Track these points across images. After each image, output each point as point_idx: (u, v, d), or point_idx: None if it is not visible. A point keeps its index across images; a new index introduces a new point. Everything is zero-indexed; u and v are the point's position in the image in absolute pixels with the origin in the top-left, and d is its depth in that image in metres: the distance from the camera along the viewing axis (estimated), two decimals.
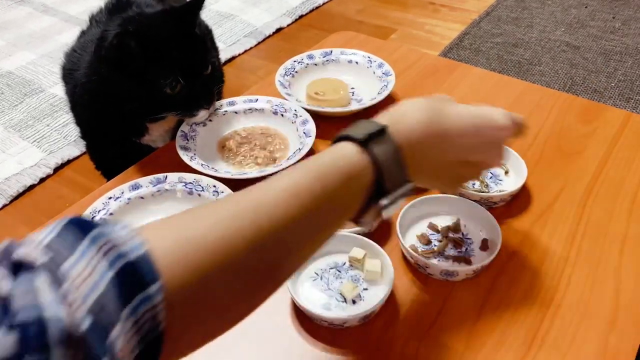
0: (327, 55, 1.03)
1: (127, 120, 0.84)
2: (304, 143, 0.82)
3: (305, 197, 0.43)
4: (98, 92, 0.83)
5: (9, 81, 1.77)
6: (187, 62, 0.77)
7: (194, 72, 0.78)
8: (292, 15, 2.15)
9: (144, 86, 0.76)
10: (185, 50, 0.77)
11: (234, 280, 0.40)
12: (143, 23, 0.79)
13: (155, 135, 0.90)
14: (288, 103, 0.90)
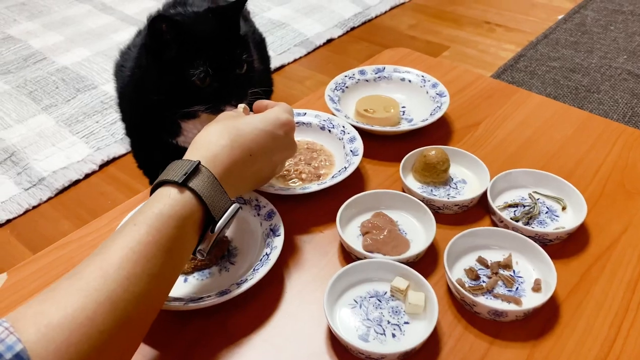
0: (379, 71, 1.00)
1: (162, 115, 0.83)
2: (350, 161, 0.79)
3: (146, 250, 0.49)
4: (139, 84, 0.83)
5: (64, 76, 1.82)
6: (219, 56, 0.75)
7: (226, 67, 0.76)
8: (343, 26, 2.14)
9: (174, 74, 0.76)
10: (220, 45, 0.76)
11: (103, 347, 0.44)
12: (182, 15, 0.79)
13: (190, 136, 0.89)
14: (336, 119, 0.87)
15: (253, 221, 0.71)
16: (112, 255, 0.48)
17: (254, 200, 0.72)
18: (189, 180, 0.54)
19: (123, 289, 0.46)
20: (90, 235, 0.74)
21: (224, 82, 0.75)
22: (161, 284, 0.51)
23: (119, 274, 0.46)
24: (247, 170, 0.62)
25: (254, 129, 0.62)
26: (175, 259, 0.52)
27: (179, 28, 0.72)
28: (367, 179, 0.82)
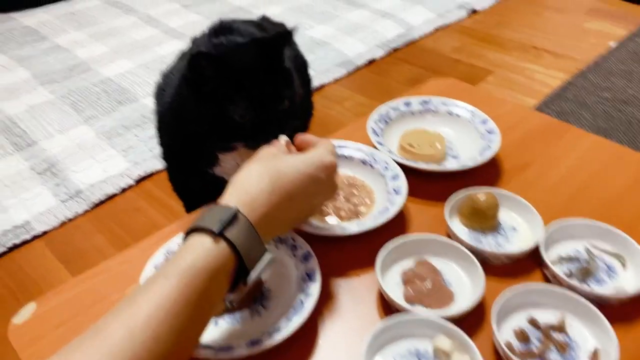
0: (425, 103, 0.96)
1: (199, 146, 0.82)
2: (392, 201, 0.75)
3: (175, 307, 0.46)
4: (178, 112, 0.81)
5: (107, 87, 1.84)
6: (260, 92, 0.73)
7: (268, 104, 0.74)
8: (385, 47, 2.11)
9: (214, 109, 0.74)
10: (262, 80, 0.73)
11: None
12: (225, 47, 0.77)
13: (227, 167, 0.87)
14: (379, 153, 0.84)
15: (288, 262, 0.68)
16: (138, 312, 0.45)
17: (290, 239, 0.69)
18: (225, 230, 0.52)
19: (149, 350, 0.43)
20: (121, 265, 0.72)
21: (264, 118, 0.73)
22: (188, 339, 0.49)
23: (145, 333, 0.44)
24: (285, 215, 0.59)
25: (296, 172, 0.59)
26: (204, 313, 0.50)
27: (220, 65, 0.70)
28: (410, 219, 0.78)
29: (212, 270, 0.50)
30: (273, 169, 0.59)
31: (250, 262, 0.53)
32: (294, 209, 0.60)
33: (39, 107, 1.74)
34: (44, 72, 1.93)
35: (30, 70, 1.93)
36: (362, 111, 1.89)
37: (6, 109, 1.73)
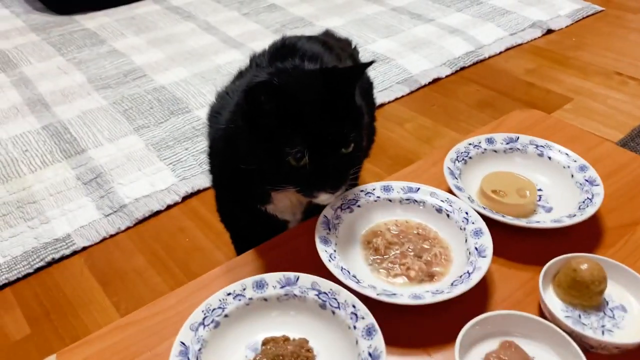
0: (511, 141, 0.83)
1: (250, 182, 0.71)
2: (474, 265, 0.63)
3: None
4: (230, 143, 0.71)
5: (160, 96, 1.79)
6: (322, 135, 0.62)
7: (328, 147, 0.63)
8: (452, 66, 1.97)
9: (268, 149, 0.63)
10: (325, 121, 0.62)
11: None
12: (288, 75, 0.66)
13: (281, 206, 0.76)
14: (458, 201, 0.71)
15: (347, 334, 0.57)
16: None
17: (351, 305, 0.58)
18: None
19: None
20: (151, 318, 0.62)
21: (321, 164, 0.62)
22: None
23: None
24: None
25: None
26: None
27: (281, 97, 0.60)
28: (492, 285, 0.65)
29: None
30: None
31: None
32: None
33: (91, 113, 1.70)
34: (99, 76, 1.90)
35: (86, 75, 1.91)
36: (425, 135, 1.76)
37: (59, 114, 1.71)
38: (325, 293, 0.59)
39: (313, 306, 0.59)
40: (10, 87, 1.86)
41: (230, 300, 0.59)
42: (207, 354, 0.55)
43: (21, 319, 1.09)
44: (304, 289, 0.60)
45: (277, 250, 0.71)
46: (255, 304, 0.60)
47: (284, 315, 0.60)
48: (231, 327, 0.58)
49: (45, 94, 1.81)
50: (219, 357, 0.56)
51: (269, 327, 0.59)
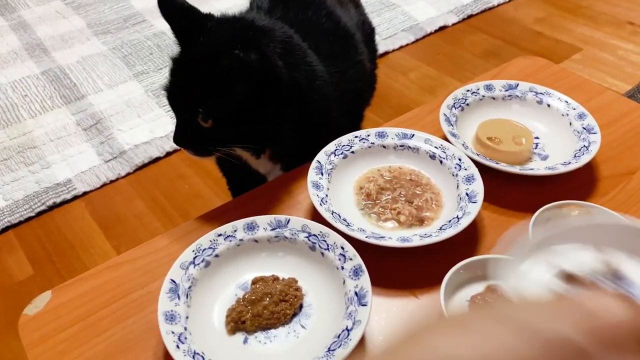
0: (510, 88, 0.82)
1: None
2: (464, 210, 0.63)
3: None
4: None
5: (160, 42, 1.76)
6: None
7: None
8: (459, 13, 1.92)
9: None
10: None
11: None
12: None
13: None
14: (451, 147, 0.71)
15: (335, 275, 0.57)
16: None
17: (339, 247, 0.58)
18: None
19: None
20: (145, 257, 0.63)
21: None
22: None
23: None
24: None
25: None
26: None
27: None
28: (483, 231, 0.66)
29: None
30: None
31: None
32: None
33: (91, 58, 1.68)
34: (98, 21, 1.86)
35: (85, 19, 1.87)
36: (429, 84, 1.73)
37: (59, 59, 1.69)
38: (315, 235, 0.60)
39: (303, 248, 0.60)
40: (9, 32, 1.83)
41: (221, 240, 0.60)
42: (197, 292, 0.56)
43: (24, 261, 1.12)
44: (294, 231, 0.61)
45: (270, 195, 0.71)
46: (246, 245, 0.60)
47: (273, 256, 0.61)
48: (221, 266, 0.59)
49: (44, 39, 1.78)
50: (209, 294, 0.57)
51: (259, 267, 0.60)
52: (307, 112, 0.71)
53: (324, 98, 0.75)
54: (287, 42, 0.70)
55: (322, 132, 0.76)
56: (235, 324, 0.54)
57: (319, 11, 0.86)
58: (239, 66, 0.61)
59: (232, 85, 0.63)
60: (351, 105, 0.85)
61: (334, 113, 0.78)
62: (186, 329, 0.52)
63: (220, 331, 0.55)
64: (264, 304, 0.55)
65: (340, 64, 0.80)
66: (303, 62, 0.71)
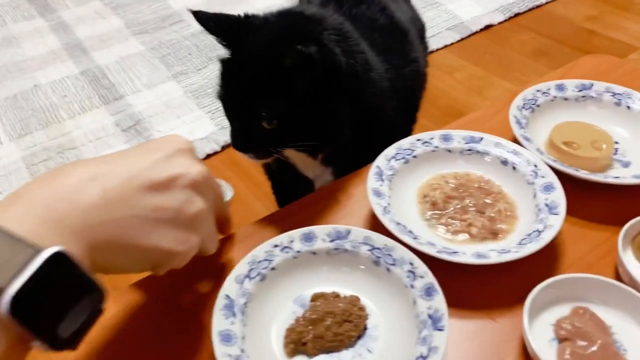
0: (584, 88, 0.75)
1: None
2: (545, 222, 0.57)
3: None
4: None
5: (198, 42, 1.74)
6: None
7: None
8: (506, 12, 1.84)
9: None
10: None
11: None
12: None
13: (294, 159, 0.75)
14: (525, 152, 0.65)
15: (402, 293, 0.52)
16: None
17: (408, 263, 0.53)
18: None
19: None
20: (191, 267, 0.59)
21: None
22: None
23: None
24: (83, 193, 0.37)
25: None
26: None
27: None
28: (563, 246, 0.59)
29: None
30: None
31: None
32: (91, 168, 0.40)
33: (129, 58, 1.67)
34: (136, 21, 1.85)
35: (123, 19, 1.86)
36: (476, 85, 1.66)
37: (97, 59, 1.68)
38: (379, 249, 0.54)
39: (365, 262, 0.55)
40: (49, 32, 1.83)
41: (277, 252, 0.55)
42: (253, 308, 0.51)
43: None
44: (355, 243, 0.55)
45: (323, 203, 0.66)
46: (304, 257, 0.55)
47: (333, 270, 0.55)
48: (278, 280, 0.54)
49: (83, 39, 1.78)
50: (266, 311, 0.52)
51: (317, 282, 0.55)
52: (362, 106, 0.66)
53: (379, 92, 0.70)
54: (339, 29, 0.66)
55: (376, 131, 0.71)
56: (295, 345, 0.49)
57: (373, 5, 0.81)
58: (301, 61, 0.57)
59: (295, 82, 0.59)
60: (406, 105, 0.80)
61: (389, 111, 0.73)
62: (243, 351, 0.47)
63: (279, 353, 0.50)
64: (327, 325, 0.50)
65: (395, 61, 0.75)
66: (357, 50, 0.67)
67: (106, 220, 0.38)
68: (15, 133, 1.39)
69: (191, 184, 0.43)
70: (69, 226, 0.36)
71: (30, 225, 0.34)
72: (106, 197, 0.38)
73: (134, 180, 0.40)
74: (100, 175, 0.39)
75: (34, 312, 0.32)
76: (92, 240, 0.37)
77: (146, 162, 0.42)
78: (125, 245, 0.39)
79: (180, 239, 0.43)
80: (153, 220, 0.40)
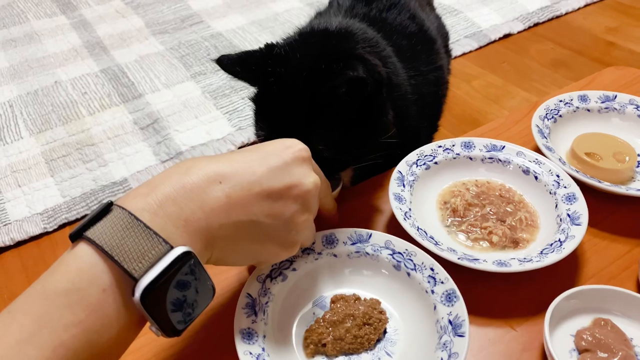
0: (607, 100, 0.75)
1: None
2: (566, 232, 0.57)
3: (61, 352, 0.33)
4: None
5: (217, 43, 1.75)
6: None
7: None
8: (525, 21, 1.83)
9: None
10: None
11: None
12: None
13: None
14: (547, 162, 0.65)
15: (423, 298, 0.52)
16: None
17: (429, 268, 0.53)
18: (87, 228, 0.37)
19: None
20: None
21: None
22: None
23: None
24: (208, 195, 0.41)
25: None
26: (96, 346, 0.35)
27: None
28: (584, 257, 0.59)
29: (72, 291, 0.34)
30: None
31: (129, 260, 0.36)
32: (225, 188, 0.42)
33: (148, 57, 1.68)
34: (156, 21, 1.87)
35: (144, 19, 1.88)
36: (494, 93, 1.65)
37: (117, 57, 1.69)
38: (400, 253, 0.55)
39: (386, 266, 0.55)
40: (71, 30, 1.85)
41: (299, 252, 0.55)
42: (275, 308, 0.52)
43: None
44: (376, 247, 0.56)
45: (345, 205, 0.67)
46: (325, 259, 0.56)
47: (354, 273, 0.56)
48: (299, 281, 0.54)
49: (104, 37, 1.79)
50: (286, 312, 0.52)
51: (338, 285, 0.55)
52: (394, 110, 0.65)
53: (403, 96, 0.69)
54: (368, 39, 0.64)
55: (400, 135, 0.70)
56: (316, 346, 0.50)
57: (403, 12, 0.80)
58: (354, 86, 0.53)
59: (347, 107, 0.55)
60: (429, 111, 0.80)
61: (413, 115, 0.73)
62: (264, 350, 0.47)
63: (299, 353, 0.50)
64: (347, 327, 0.50)
65: (421, 67, 0.75)
66: (385, 56, 0.65)
67: (226, 223, 0.41)
68: (36, 128, 1.41)
69: (304, 194, 0.46)
70: (194, 225, 0.39)
71: (162, 219, 0.38)
72: (229, 201, 0.41)
73: (254, 187, 0.43)
74: (225, 178, 0.42)
75: (160, 302, 0.37)
76: (211, 239, 0.41)
77: (265, 169, 0.44)
78: (239, 245, 0.44)
79: (286, 244, 0.47)
80: (266, 225, 0.44)
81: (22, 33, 1.83)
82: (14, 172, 1.25)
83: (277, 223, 0.44)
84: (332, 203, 0.56)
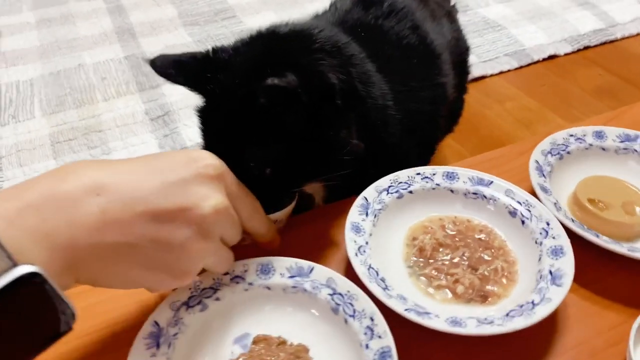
0: (627, 140, 0.64)
1: None
2: (543, 293, 0.48)
3: None
4: None
5: None
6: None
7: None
8: (574, 43, 1.70)
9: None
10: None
11: None
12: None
13: None
14: (539, 206, 0.55)
15: (359, 354, 0.44)
16: None
17: (368, 317, 0.45)
18: None
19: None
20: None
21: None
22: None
23: None
24: (80, 209, 0.35)
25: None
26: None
27: None
28: (566, 322, 0.50)
29: None
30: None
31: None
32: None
33: (174, 48, 1.66)
34: (190, 12, 1.85)
35: (178, 9, 1.87)
36: (527, 117, 1.53)
37: (144, 45, 1.68)
38: (341, 295, 0.47)
39: (324, 307, 0.48)
40: (105, 14, 1.86)
41: (226, 280, 0.49)
42: (184, 342, 0.45)
43: None
44: (317, 284, 0.48)
45: (298, 230, 0.59)
46: (256, 290, 0.49)
47: (287, 311, 0.49)
48: (221, 313, 0.48)
49: (135, 24, 1.79)
50: (199, 348, 0.46)
51: (266, 323, 0.48)
52: (365, 122, 0.57)
53: (381, 108, 0.60)
54: (330, 42, 0.55)
55: (379, 151, 0.62)
56: None
57: (403, 22, 0.73)
58: (278, 96, 0.46)
59: (280, 121, 0.48)
60: (421, 130, 0.71)
61: (395, 132, 0.64)
62: None
63: None
64: None
65: (412, 83, 0.67)
66: (352, 63, 0.57)
67: (98, 242, 0.36)
68: (50, 109, 1.40)
69: (200, 219, 0.39)
70: (56, 241, 0.34)
71: (19, 230, 0.33)
72: (104, 218, 0.35)
73: (138, 205, 0.37)
74: (104, 190, 0.36)
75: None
76: (78, 260, 0.35)
77: (157, 184, 0.38)
78: (116, 268, 0.37)
79: (176, 273, 0.40)
80: (149, 251, 0.37)
81: (59, 14, 1.85)
82: (19, 151, 1.25)
83: (163, 249, 0.38)
84: (263, 227, 0.48)
